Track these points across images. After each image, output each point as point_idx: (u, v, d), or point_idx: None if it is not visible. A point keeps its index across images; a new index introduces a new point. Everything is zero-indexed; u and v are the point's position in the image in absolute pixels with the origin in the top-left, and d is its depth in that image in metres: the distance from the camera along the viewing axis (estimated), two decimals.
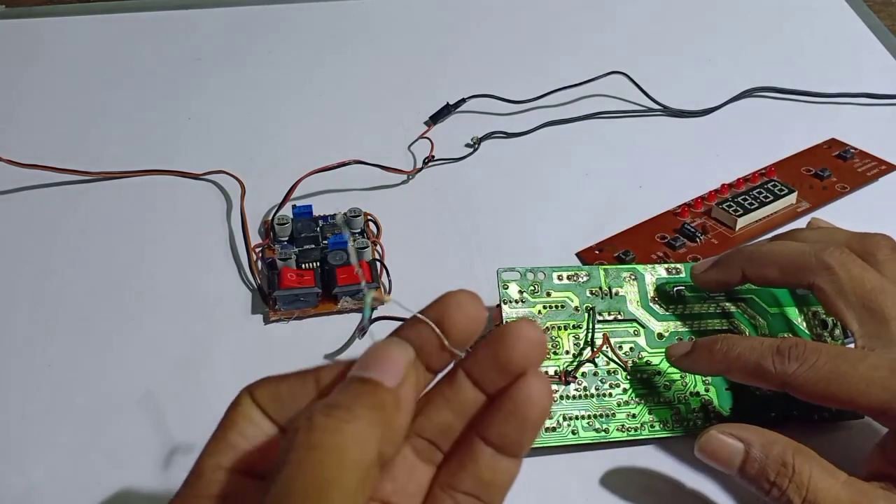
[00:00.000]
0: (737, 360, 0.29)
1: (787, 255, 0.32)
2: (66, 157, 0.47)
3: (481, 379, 0.22)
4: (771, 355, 0.29)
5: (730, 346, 0.30)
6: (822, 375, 0.28)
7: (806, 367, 0.28)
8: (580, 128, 0.51)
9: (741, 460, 0.28)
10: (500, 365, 0.21)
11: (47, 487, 0.32)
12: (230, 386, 0.35)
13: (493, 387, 0.22)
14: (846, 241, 0.32)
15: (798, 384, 0.28)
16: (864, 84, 0.54)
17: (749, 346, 0.30)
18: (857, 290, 0.30)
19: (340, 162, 0.44)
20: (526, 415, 0.21)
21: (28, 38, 0.61)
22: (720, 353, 0.30)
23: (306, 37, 0.61)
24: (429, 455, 0.22)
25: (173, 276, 0.41)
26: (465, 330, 0.22)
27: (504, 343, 0.21)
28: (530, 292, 0.34)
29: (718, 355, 0.30)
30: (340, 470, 0.18)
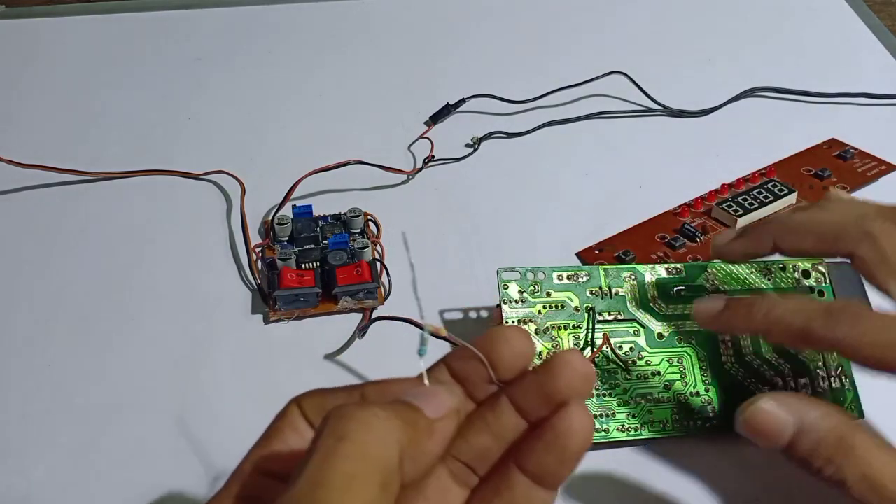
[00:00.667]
0: (780, 320, 0.28)
1: (825, 223, 0.30)
2: (66, 157, 0.47)
3: (524, 406, 0.22)
4: (820, 318, 0.27)
5: (772, 304, 0.28)
6: (878, 342, 0.26)
7: (858, 332, 0.26)
8: (580, 128, 0.51)
9: (791, 435, 0.26)
10: (545, 393, 0.21)
11: (47, 487, 0.32)
12: (230, 386, 0.36)
13: (535, 415, 0.22)
14: (878, 210, 0.31)
15: (851, 348, 0.26)
16: (864, 84, 0.54)
17: (794, 307, 0.28)
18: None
19: (340, 162, 0.44)
20: (566, 445, 0.21)
21: (28, 38, 0.61)
22: (760, 312, 0.28)
23: (306, 37, 0.61)
24: (464, 478, 0.22)
25: (173, 276, 0.41)
26: (512, 365, 0.22)
27: (552, 372, 0.21)
28: (530, 292, 0.34)
29: (759, 315, 0.28)
30: (364, 463, 0.18)
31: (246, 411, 0.35)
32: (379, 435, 0.18)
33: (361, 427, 0.18)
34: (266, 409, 0.35)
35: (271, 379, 0.36)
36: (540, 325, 0.34)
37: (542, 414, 0.21)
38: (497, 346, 0.22)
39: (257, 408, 0.35)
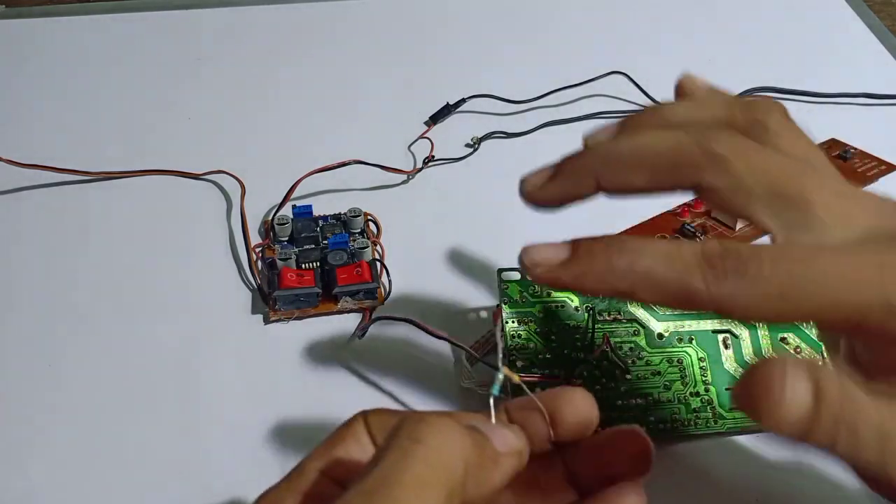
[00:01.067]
0: (647, 275, 0.21)
1: (658, 149, 0.23)
2: (66, 157, 0.47)
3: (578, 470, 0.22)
4: (698, 270, 0.20)
5: (635, 253, 0.21)
6: (770, 292, 0.20)
7: (747, 283, 0.20)
8: (580, 128, 0.51)
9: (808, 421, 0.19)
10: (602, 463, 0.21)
11: (47, 487, 0.32)
12: (230, 386, 0.36)
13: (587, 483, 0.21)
14: (728, 116, 0.24)
15: (742, 306, 0.20)
16: (864, 84, 0.54)
17: (664, 254, 0.21)
18: (762, 179, 0.22)
19: (340, 162, 0.44)
20: None
21: (28, 38, 0.60)
22: (622, 263, 0.21)
23: (306, 37, 0.61)
24: None
25: (173, 276, 0.41)
26: (572, 427, 0.21)
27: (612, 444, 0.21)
28: (530, 293, 0.34)
29: (619, 269, 0.21)
30: (436, 470, 0.18)
31: (246, 411, 0.35)
32: (452, 445, 0.18)
33: (436, 434, 0.18)
34: (266, 409, 0.35)
35: (271, 379, 0.36)
36: (540, 326, 0.34)
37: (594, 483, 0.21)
38: (561, 404, 0.21)
39: (257, 408, 0.35)
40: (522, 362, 0.33)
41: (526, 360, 0.33)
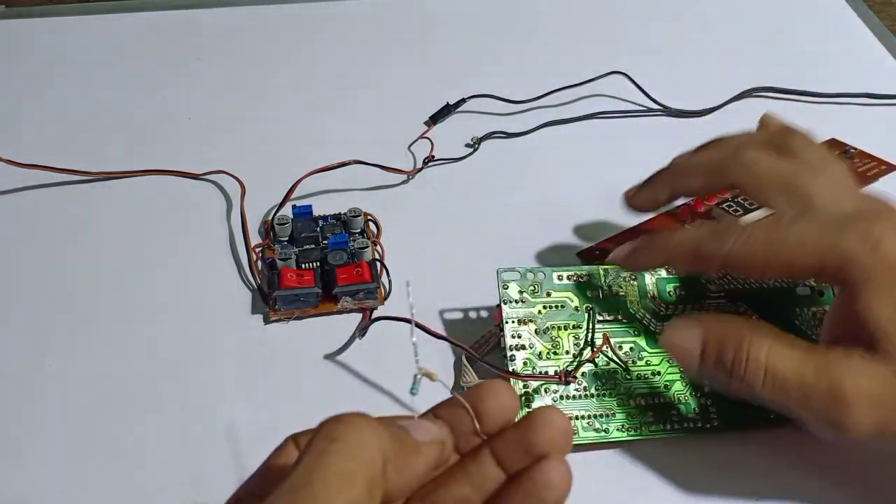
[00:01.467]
0: (677, 247, 0.31)
1: (709, 161, 0.34)
2: (66, 157, 0.47)
3: (504, 458, 0.22)
4: (708, 238, 0.30)
5: (668, 236, 0.31)
6: (758, 247, 0.28)
7: (742, 241, 0.29)
8: (580, 128, 0.51)
9: (699, 350, 0.28)
10: (525, 447, 0.22)
11: (47, 487, 0.32)
12: (230, 386, 0.36)
13: (515, 467, 0.22)
14: (765, 140, 0.34)
15: (737, 259, 0.29)
16: (864, 84, 0.54)
17: (686, 233, 0.31)
18: (775, 177, 0.32)
19: (340, 162, 0.44)
20: (544, 497, 0.22)
21: (28, 38, 0.61)
22: (661, 242, 0.31)
23: (306, 37, 0.61)
24: None
25: (173, 276, 0.41)
26: (496, 418, 0.23)
27: (532, 426, 0.22)
28: (530, 292, 0.34)
29: (660, 245, 0.31)
30: (354, 464, 0.19)
31: (246, 411, 0.35)
32: (368, 438, 0.19)
33: (352, 430, 0.19)
34: (266, 409, 0.35)
35: (271, 379, 0.36)
36: (540, 326, 0.34)
37: (520, 466, 0.22)
38: (484, 398, 0.23)
39: (257, 408, 0.35)
40: (522, 362, 0.33)
41: (526, 359, 0.33)
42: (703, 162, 0.35)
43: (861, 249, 0.27)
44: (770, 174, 0.32)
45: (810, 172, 0.32)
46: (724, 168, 0.33)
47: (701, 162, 0.35)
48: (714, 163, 0.34)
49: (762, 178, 0.32)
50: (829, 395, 0.26)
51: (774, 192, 0.32)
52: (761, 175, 0.32)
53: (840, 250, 0.27)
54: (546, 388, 0.33)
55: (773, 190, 0.32)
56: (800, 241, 0.28)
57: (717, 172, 0.34)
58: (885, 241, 0.27)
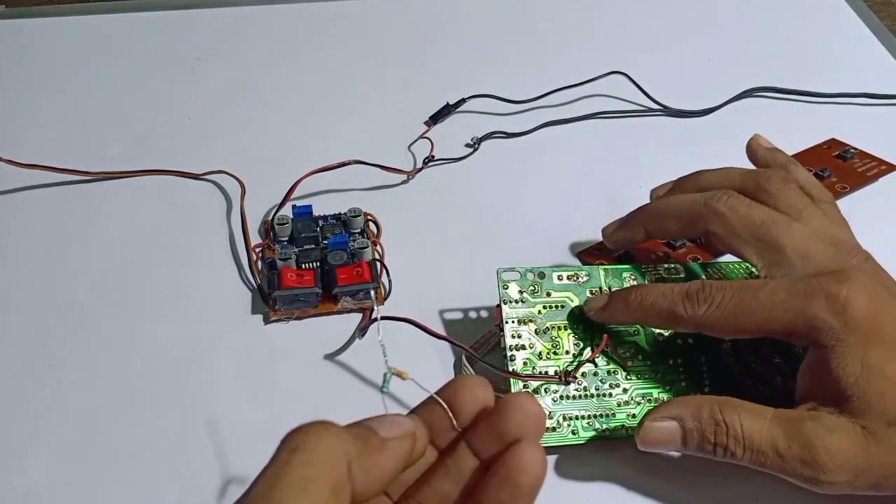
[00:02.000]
0: (651, 307, 0.31)
1: (681, 207, 0.34)
2: (66, 157, 0.47)
3: (480, 448, 0.23)
4: (681, 300, 0.30)
5: (644, 295, 0.31)
6: (729, 311, 0.29)
7: (714, 307, 0.30)
8: (580, 128, 0.51)
9: (681, 437, 0.29)
10: (498, 433, 0.23)
11: (47, 487, 0.32)
12: (230, 386, 0.36)
13: (489, 454, 0.23)
14: (741, 182, 0.34)
15: (710, 324, 0.30)
16: (864, 84, 0.54)
17: (661, 293, 0.31)
18: (748, 228, 0.32)
19: (340, 162, 0.44)
20: (518, 481, 0.22)
21: (28, 38, 0.61)
22: (635, 302, 0.32)
23: (306, 37, 0.61)
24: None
25: (173, 276, 0.41)
26: (472, 411, 0.23)
27: (503, 413, 0.23)
28: (530, 292, 0.34)
29: (634, 304, 0.32)
30: (317, 470, 0.19)
31: (246, 411, 0.35)
32: (330, 444, 0.20)
33: (313, 438, 0.20)
34: (266, 410, 0.35)
35: (271, 379, 0.36)
36: (540, 325, 0.34)
37: (495, 453, 0.23)
38: (458, 393, 0.23)
39: (257, 408, 0.35)
40: (522, 362, 0.33)
41: (526, 359, 0.33)
42: (677, 207, 0.34)
43: (828, 314, 0.28)
44: (742, 226, 0.32)
45: (783, 222, 0.32)
46: (697, 216, 0.33)
47: (674, 207, 0.34)
48: (687, 211, 0.34)
49: (734, 230, 0.32)
50: (802, 458, 0.28)
51: (745, 245, 0.32)
52: (733, 227, 0.32)
53: (807, 315, 0.28)
54: (546, 387, 0.33)
55: (744, 242, 0.32)
56: (769, 306, 0.29)
57: (690, 220, 0.34)
58: (851, 303, 0.28)
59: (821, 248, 0.31)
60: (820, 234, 0.32)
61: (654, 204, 0.36)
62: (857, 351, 0.28)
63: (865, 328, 0.28)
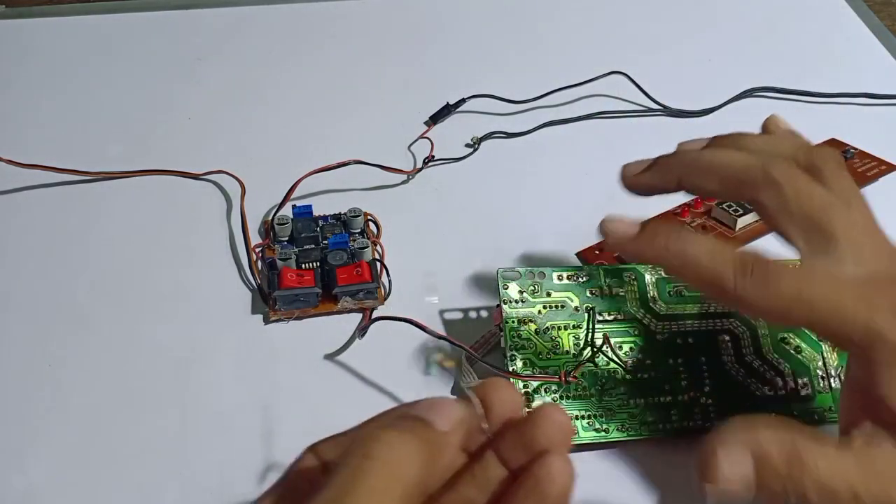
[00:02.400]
0: (694, 260, 0.27)
1: (731, 165, 0.29)
2: (66, 157, 0.47)
3: (508, 457, 0.23)
4: (733, 269, 0.26)
5: (689, 241, 0.27)
6: (785, 299, 0.26)
7: (770, 290, 0.26)
8: (580, 128, 0.51)
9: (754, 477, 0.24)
10: (526, 443, 0.22)
11: (47, 487, 0.32)
12: (230, 386, 0.36)
13: (517, 464, 0.22)
14: (793, 153, 0.29)
15: (755, 302, 0.26)
16: (864, 84, 0.54)
17: (710, 249, 0.27)
18: (804, 206, 0.27)
19: (340, 162, 0.44)
20: (545, 491, 0.21)
21: (28, 38, 0.61)
22: (676, 246, 0.27)
23: (306, 37, 0.61)
24: None
25: (173, 276, 0.41)
26: (501, 413, 0.23)
27: (532, 423, 0.22)
28: (530, 292, 0.34)
29: (673, 248, 0.27)
30: (389, 481, 0.20)
31: (246, 411, 0.35)
32: (402, 457, 0.20)
33: (387, 449, 0.20)
34: (266, 409, 0.35)
35: (271, 379, 0.36)
36: (540, 325, 0.34)
37: (522, 462, 0.22)
38: (488, 393, 0.23)
39: (257, 408, 0.35)
40: (522, 362, 0.33)
41: (526, 359, 0.33)
42: (723, 165, 0.29)
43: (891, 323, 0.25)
44: (798, 201, 0.27)
45: (841, 207, 0.27)
46: (748, 181, 0.28)
47: (721, 164, 0.29)
48: (737, 171, 0.29)
49: (788, 205, 0.28)
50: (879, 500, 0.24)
51: (794, 224, 0.28)
52: (788, 200, 0.28)
53: (873, 327, 0.25)
54: (546, 387, 0.33)
55: (793, 221, 0.28)
56: (831, 304, 0.25)
57: (737, 182, 0.29)
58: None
59: (875, 247, 0.27)
60: (871, 227, 0.28)
61: (697, 154, 0.31)
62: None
63: None
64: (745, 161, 0.29)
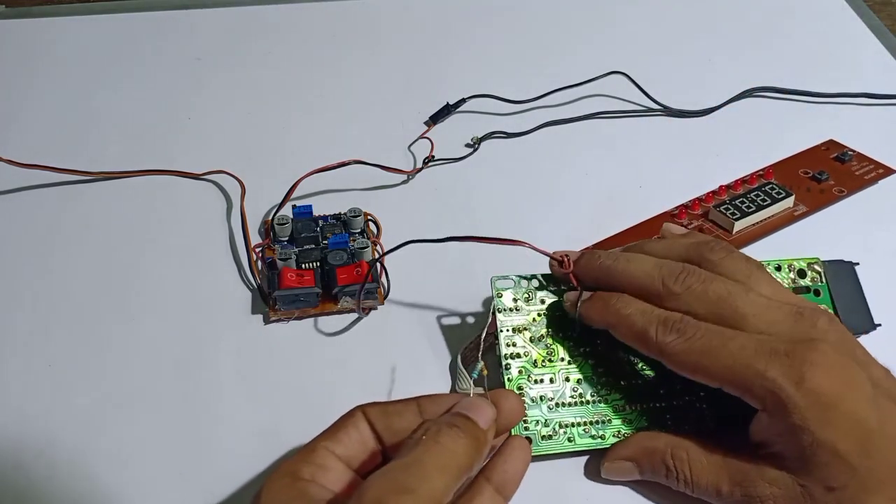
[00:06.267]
0: (627, 318, 0.31)
1: (637, 277, 0.32)
2: (66, 157, 0.47)
3: None
4: (657, 324, 0.31)
5: (625, 304, 0.32)
6: (694, 349, 0.30)
7: (682, 339, 0.30)
8: (580, 128, 0.51)
9: (638, 474, 0.32)
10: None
11: (48, 487, 0.32)
12: (230, 386, 0.36)
13: None
14: (685, 254, 0.33)
15: (672, 354, 0.30)
16: (864, 84, 0.54)
17: (641, 309, 0.31)
18: (706, 306, 0.31)
19: (340, 162, 0.44)
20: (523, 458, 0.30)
21: (28, 38, 0.61)
22: (614, 307, 0.32)
23: (306, 37, 0.61)
24: None
25: (173, 276, 0.41)
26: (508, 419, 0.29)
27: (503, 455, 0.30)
28: (524, 300, 0.34)
29: (612, 309, 0.32)
30: (453, 461, 0.25)
31: (246, 411, 0.35)
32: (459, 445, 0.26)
33: (451, 438, 0.26)
34: (266, 409, 0.35)
35: (271, 379, 0.36)
36: (534, 333, 0.34)
37: None
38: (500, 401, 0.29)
39: (257, 408, 0.35)
40: (518, 370, 0.33)
41: (521, 368, 0.33)
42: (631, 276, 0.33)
43: (788, 383, 0.28)
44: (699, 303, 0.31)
45: (740, 291, 0.31)
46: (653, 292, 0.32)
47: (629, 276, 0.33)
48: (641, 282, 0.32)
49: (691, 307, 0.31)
50: None
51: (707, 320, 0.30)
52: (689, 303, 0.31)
53: (767, 379, 0.28)
54: (542, 396, 0.33)
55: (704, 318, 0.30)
56: (733, 357, 0.29)
57: (645, 294, 0.32)
58: (813, 376, 0.28)
59: (783, 314, 0.30)
60: (777, 299, 0.31)
61: (609, 262, 0.33)
62: (811, 425, 0.28)
63: (823, 404, 0.28)
64: (649, 272, 0.32)
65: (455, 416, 0.27)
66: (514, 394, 0.30)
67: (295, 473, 0.26)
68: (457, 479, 0.25)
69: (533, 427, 0.32)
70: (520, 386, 0.33)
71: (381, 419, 0.28)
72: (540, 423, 0.32)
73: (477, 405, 0.28)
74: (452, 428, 0.26)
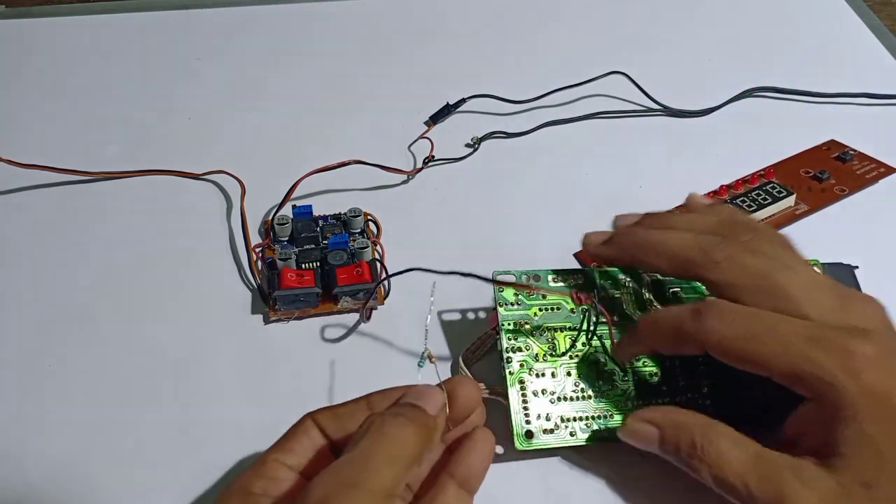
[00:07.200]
0: (655, 325, 0.31)
1: (675, 247, 0.32)
2: (66, 157, 0.47)
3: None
4: (689, 316, 0.29)
5: (652, 316, 0.32)
6: (739, 332, 0.28)
7: (724, 324, 0.29)
8: (580, 128, 0.51)
9: (658, 443, 0.30)
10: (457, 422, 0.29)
11: (47, 487, 0.32)
12: (230, 386, 0.36)
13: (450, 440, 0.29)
14: (716, 229, 0.32)
15: (715, 341, 0.29)
16: (864, 84, 0.54)
17: (667, 311, 0.31)
18: (749, 277, 0.30)
19: (340, 162, 0.44)
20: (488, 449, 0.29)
21: (28, 38, 0.61)
22: (643, 324, 0.32)
23: (306, 37, 0.61)
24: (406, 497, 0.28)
25: (173, 276, 0.41)
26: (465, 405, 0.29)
27: None
28: (526, 295, 0.34)
29: (642, 326, 0.32)
30: (400, 451, 0.25)
31: (246, 411, 0.35)
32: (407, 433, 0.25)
33: (397, 428, 0.25)
34: (266, 409, 0.35)
35: (271, 379, 0.36)
36: (536, 328, 0.34)
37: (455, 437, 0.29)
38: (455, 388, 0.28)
39: (257, 408, 0.35)
40: (519, 364, 0.33)
41: (522, 362, 0.33)
42: (668, 247, 0.32)
43: (844, 375, 0.27)
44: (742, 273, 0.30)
45: (782, 266, 0.30)
46: (692, 262, 0.31)
47: (667, 246, 0.32)
48: (680, 252, 0.31)
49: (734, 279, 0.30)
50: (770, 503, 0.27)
51: (747, 293, 0.30)
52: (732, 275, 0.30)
53: (822, 370, 0.27)
54: (543, 390, 0.33)
55: (745, 290, 0.30)
56: (784, 344, 0.28)
57: (683, 263, 0.31)
58: (870, 369, 0.27)
59: (827, 295, 0.29)
60: (818, 277, 0.30)
61: (645, 234, 0.33)
62: (862, 418, 0.27)
63: (877, 398, 0.27)
64: (687, 243, 0.32)
65: (400, 405, 0.27)
66: (469, 380, 0.30)
67: (246, 489, 0.26)
68: (406, 468, 0.25)
69: (535, 421, 0.32)
70: (521, 379, 0.33)
71: (332, 423, 0.28)
72: (542, 417, 0.32)
73: (424, 392, 0.27)
74: (398, 417, 0.26)
